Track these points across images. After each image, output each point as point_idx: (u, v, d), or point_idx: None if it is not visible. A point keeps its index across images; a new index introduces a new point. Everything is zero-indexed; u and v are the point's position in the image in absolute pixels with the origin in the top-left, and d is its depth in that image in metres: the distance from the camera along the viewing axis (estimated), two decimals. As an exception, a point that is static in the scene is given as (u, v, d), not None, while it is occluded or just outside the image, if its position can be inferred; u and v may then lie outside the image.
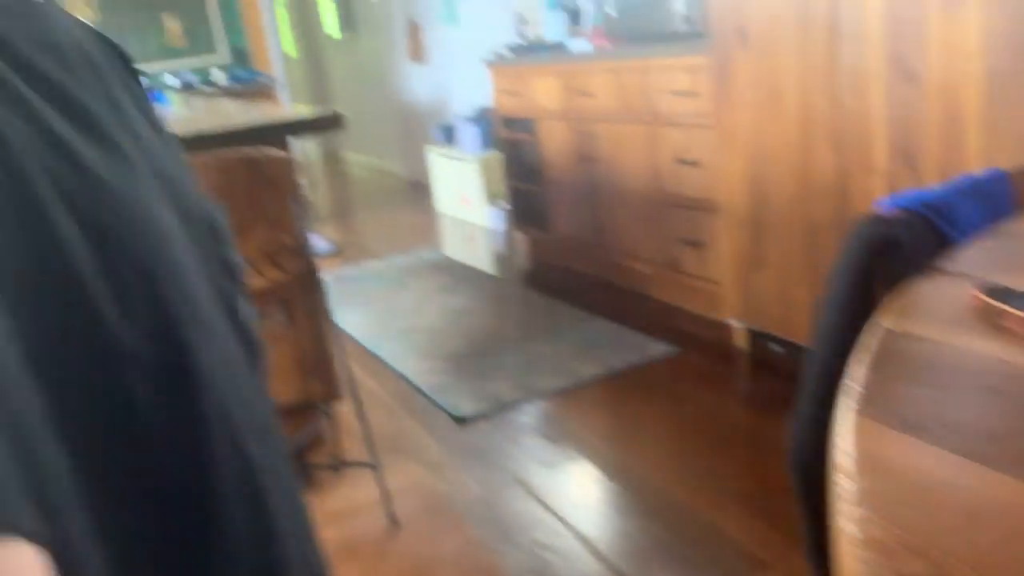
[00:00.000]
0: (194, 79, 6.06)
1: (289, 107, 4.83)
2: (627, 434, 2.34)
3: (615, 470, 2.15)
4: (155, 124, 0.48)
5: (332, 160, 8.60)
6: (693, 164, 2.81)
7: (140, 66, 0.51)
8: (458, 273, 3.99)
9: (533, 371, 2.72)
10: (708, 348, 2.78)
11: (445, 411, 2.52)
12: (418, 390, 2.70)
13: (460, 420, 2.46)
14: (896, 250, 0.87)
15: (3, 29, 0.39)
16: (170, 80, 5.95)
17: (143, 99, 0.49)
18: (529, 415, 2.48)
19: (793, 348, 2.46)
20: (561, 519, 1.94)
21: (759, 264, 2.54)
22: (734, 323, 2.72)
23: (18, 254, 0.33)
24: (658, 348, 2.78)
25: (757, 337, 2.65)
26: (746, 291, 2.62)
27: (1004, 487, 0.50)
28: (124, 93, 0.46)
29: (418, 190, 6.06)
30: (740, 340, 2.72)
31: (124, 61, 0.49)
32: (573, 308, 3.25)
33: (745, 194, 2.52)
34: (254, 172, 1.71)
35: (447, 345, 3.05)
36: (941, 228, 0.94)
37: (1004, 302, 0.70)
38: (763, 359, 2.63)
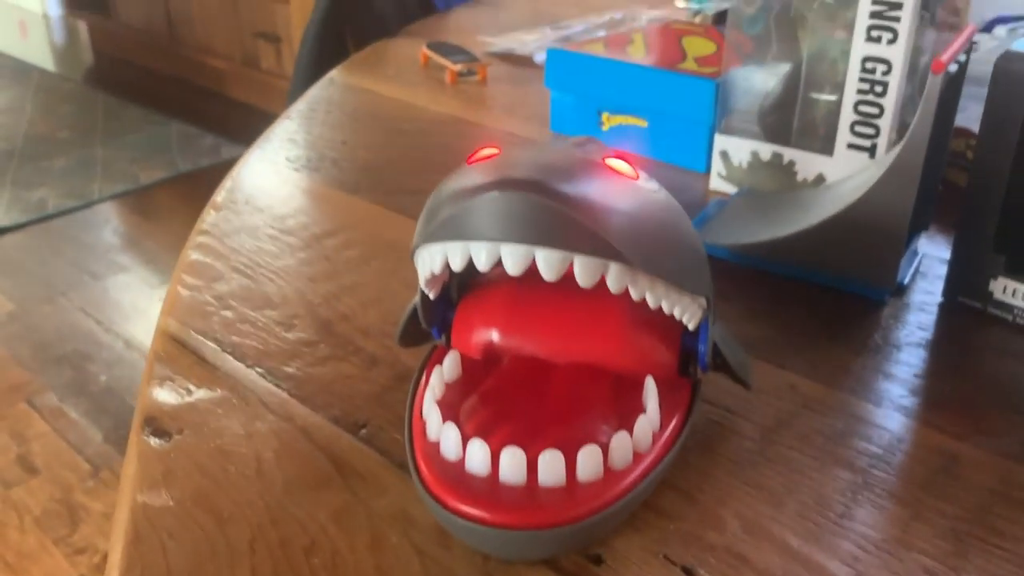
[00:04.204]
0: None
1: None
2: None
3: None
4: None
5: None
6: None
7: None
8: (-2, 66, 3.36)
9: (86, 177, 2.42)
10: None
11: (-30, 222, 2.16)
12: (-64, 200, 2.27)
13: (-9, 232, 2.13)
14: (367, 11, 0.86)
15: None
16: None
17: None
18: (78, 224, 2.22)
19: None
20: (107, 328, 1.80)
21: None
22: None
23: None
24: (235, 150, 2.63)
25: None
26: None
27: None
28: None
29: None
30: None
31: None
32: (140, 108, 2.92)
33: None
34: None
35: (-23, 148, 2.58)
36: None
37: (442, 55, 0.72)
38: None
